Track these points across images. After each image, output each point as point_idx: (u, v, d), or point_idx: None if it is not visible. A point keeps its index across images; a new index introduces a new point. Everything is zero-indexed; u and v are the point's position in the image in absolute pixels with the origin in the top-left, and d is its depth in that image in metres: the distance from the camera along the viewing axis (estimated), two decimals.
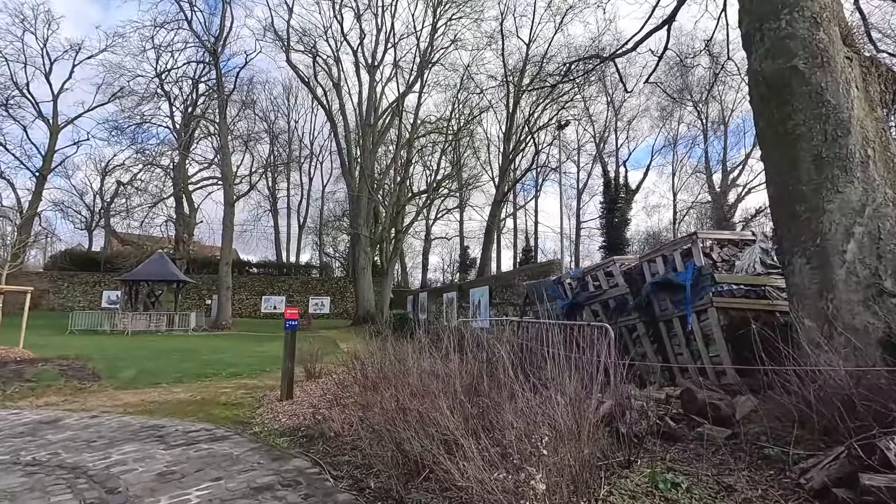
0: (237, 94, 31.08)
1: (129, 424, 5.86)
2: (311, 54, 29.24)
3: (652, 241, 44.74)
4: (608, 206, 42.90)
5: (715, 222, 41.57)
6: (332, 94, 31.39)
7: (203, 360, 12.70)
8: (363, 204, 28.99)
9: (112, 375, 9.46)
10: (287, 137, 46.77)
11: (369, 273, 29.94)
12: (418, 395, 3.92)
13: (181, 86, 31.44)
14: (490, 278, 16.06)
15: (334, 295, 41.75)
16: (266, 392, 8.13)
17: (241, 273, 40.07)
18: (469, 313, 16.93)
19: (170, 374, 10.04)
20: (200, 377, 9.81)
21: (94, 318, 22.49)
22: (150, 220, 32.80)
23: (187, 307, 32.95)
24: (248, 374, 10.58)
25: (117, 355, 12.52)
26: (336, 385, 7.44)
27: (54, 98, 35.94)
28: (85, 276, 38.76)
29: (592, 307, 6.96)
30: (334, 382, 7.69)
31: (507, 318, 8.87)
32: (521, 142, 26.53)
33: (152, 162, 32.46)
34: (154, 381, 9.18)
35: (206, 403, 7.22)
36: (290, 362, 7.13)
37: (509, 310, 13.52)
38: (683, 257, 5.68)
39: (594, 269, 6.88)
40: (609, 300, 6.55)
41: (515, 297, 13.29)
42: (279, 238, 48.13)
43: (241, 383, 9.25)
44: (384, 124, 29.56)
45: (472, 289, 16.78)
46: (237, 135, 33.36)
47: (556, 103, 26.40)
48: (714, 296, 5.19)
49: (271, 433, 5.43)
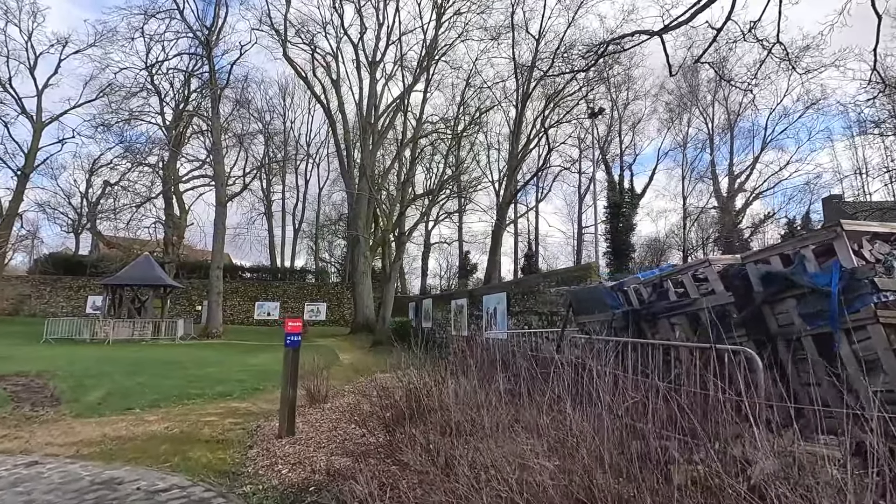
0: (231, 92, 29.64)
1: (75, 478, 4.35)
2: (310, 48, 27.89)
3: (654, 247, 43.67)
4: (612, 211, 41.80)
5: (721, 227, 40.57)
6: (331, 92, 30.05)
7: (188, 375, 11.16)
8: (363, 206, 27.52)
9: (75, 398, 7.92)
10: (283, 138, 45.34)
11: (369, 278, 28.41)
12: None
13: (172, 81, 29.91)
14: (508, 284, 14.67)
15: (331, 301, 40.15)
16: (260, 422, 6.64)
17: (233, 278, 38.41)
18: (482, 322, 15.49)
19: (146, 394, 8.51)
20: (182, 399, 8.29)
21: (72, 325, 20.79)
22: (138, 221, 31.11)
23: (176, 314, 31.24)
24: (240, 394, 9.07)
25: (89, 370, 10.95)
26: (350, 416, 5.97)
27: (38, 93, 34.32)
28: (69, 280, 36.95)
29: (672, 320, 5.55)
30: (348, 412, 6.22)
31: (584, 337, 7.45)
32: (530, 141, 25.23)
33: (141, 161, 30.81)
34: (125, 404, 7.65)
35: (185, 440, 5.72)
36: (292, 389, 5.65)
37: (532, 319, 12.11)
38: (819, 256, 4.30)
39: (679, 271, 5.47)
40: (699, 312, 5.15)
41: (540, 304, 11.89)
42: (273, 242, 46.55)
43: (231, 408, 7.75)
44: (386, 123, 28.19)
45: (486, 295, 15.36)
46: (231, 134, 31.89)
47: (569, 99, 25.12)
48: (877, 307, 3.80)
49: (268, 496, 3.94)
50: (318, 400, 7.33)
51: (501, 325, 13.97)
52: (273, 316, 37.93)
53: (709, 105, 41.49)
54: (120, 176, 32.37)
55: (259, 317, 37.73)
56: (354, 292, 28.25)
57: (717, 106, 41.25)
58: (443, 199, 24.41)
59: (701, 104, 41.47)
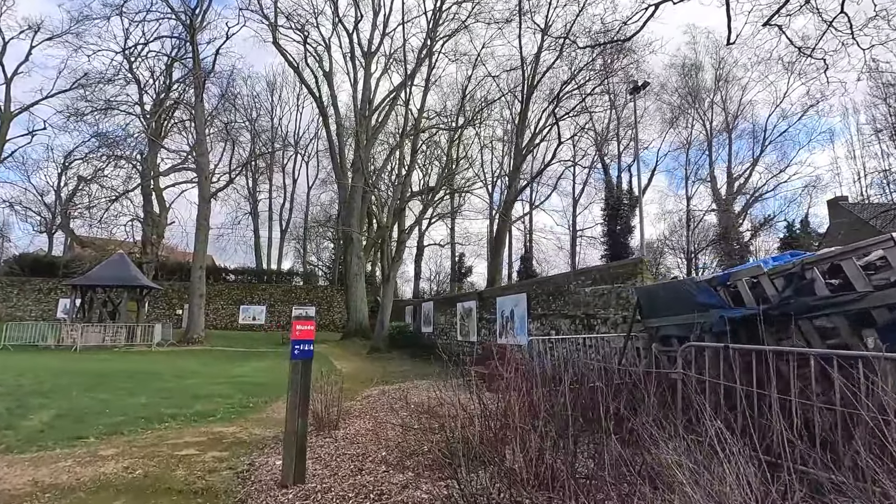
0: (215, 85, 27.84)
1: None
2: (301, 36, 26.23)
3: (654, 250, 42.69)
4: (610, 213, 40.75)
5: (723, 230, 39.73)
6: (323, 84, 28.43)
7: (162, 389, 9.44)
8: (356, 203, 25.88)
9: (9, 423, 6.19)
10: (270, 136, 43.50)
11: (362, 280, 26.73)
12: None
13: (153, 68, 27.98)
14: (528, 284, 13.20)
15: (320, 305, 38.28)
16: (254, 457, 5.02)
17: (216, 280, 36.31)
18: (495, 327, 14.00)
19: (105, 416, 6.81)
20: (152, 422, 6.62)
21: (35, 329, 18.76)
22: (114, 218, 28.99)
23: (154, 318, 29.16)
24: (224, 414, 7.41)
25: (41, 384, 9.15)
26: (378, 449, 4.41)
27: (7, 82, 32.02)
28: (38, 282, 34.51)
29: (818, 322, 4.12)
30: (372, 443, 4.66)
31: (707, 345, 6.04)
32: (535, 134, 23.85)
33: (119, 154, 28.68)
34: (76, 431, 5.96)
35: (149, 490, 4.10)
36: (301, 419, 4.03)
37: (561, 323, 10.65)
38: None
39: (835, 256, 4.03)
40: (873, 310, 3.72)
41: (570, 306, 10.44)
42: (259, 243, 44.51)
43: (214, 434, 6.10)
44: (381, 117, 26.66)
45: (500, 297, 13.87)
46: (216, 129, 30.02)
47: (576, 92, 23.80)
48: None
49: None
50: (328, 425, 5.73)
51: (520, 329, 12.50)
52: (259, 320, 35.92)
53: (707, 109, 40.82)
54: (94, 170, 30.15)
55: (244, 321, 35.69)
56: (347, 295, 26.57)
57: (716, 108, 40.63)
58: (439, 198, 22.83)
59: (701, 107, 40.78)
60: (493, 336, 14.16)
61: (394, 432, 5.33)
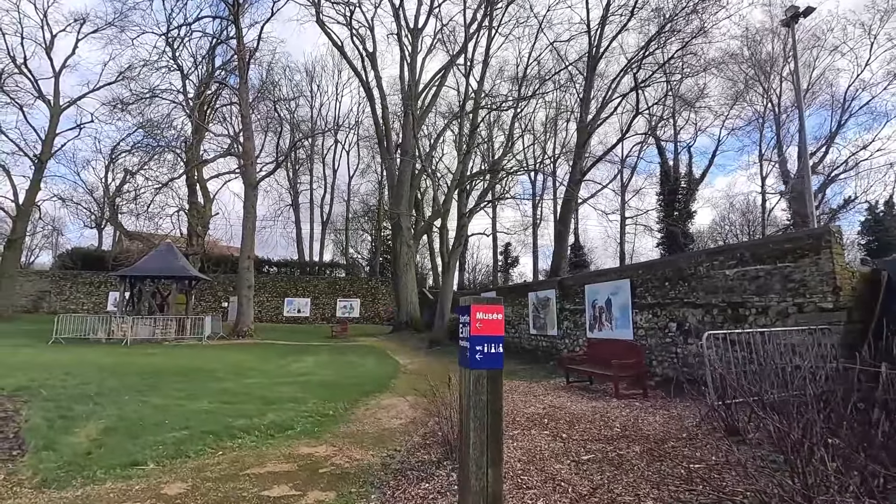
0: (257, 70, 26.86)
1: None
2: (348, 10, 24.80)
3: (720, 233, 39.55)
4: (667, 198, 37.99)
5: (793, 214, 36.31)
6: (367, 66, 27.01)
7: (222, 391, 8.12)
8: (405, 189, 24.39)
9: (49, 441, 4.86)
10: (309, 125, 42.58)
11: (413, 270, 25.25)
12: None
13: (195, 55, 27.21)
14: (631, 267, 11.30)
15: (364, 297, 37.25)
16: (373, 501, 3.47)
17: (259, 272, 35.76)
18: (584, 319, 12.17)
19: (163, 429, 5.45)
20: (220, 438, 5.19)
21: (87, 323, 18.14)
22: (160, 210, 28.53)
23: (201, 311, 28.64)
24: (304, 427, 5.93)
25: (88, 384, 7.96)
26: None
27: (56, 75, 31.95)
28: (89, 275, 34.82)
29: None
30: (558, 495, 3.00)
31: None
32: (603, 106, 21.47)
33: (163, 144, 28.18)
34: (129, 455, 4.56)
35: None
36: (493, 469, 2.39)
37: (688, 313, 8.75)
38: None
39: None
40: None
41: (699, 293, 8.53)
42: (301, 235, 43.81)
43: (303, 458, 4.60)
44: (429, 98, 25.01)
45: (590, 284, 12.03)
46: (259, 114, 29.19)
47: None
48: None
49: None
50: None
51: (623, 322, 10.65)
52: (304, 313, 35.15)
53: (776, 82, 37.14)
54: (139, 161, 29.82)
55: (289, 314, 35.01)
56: (397, 286, 25.14)
57: (785, 83, 36.93)
58: (501, 177, 21.00)
59: (768, 78, 37.17)
60: (581, 330, 12.35)
61: (568, 469, 3.66)
